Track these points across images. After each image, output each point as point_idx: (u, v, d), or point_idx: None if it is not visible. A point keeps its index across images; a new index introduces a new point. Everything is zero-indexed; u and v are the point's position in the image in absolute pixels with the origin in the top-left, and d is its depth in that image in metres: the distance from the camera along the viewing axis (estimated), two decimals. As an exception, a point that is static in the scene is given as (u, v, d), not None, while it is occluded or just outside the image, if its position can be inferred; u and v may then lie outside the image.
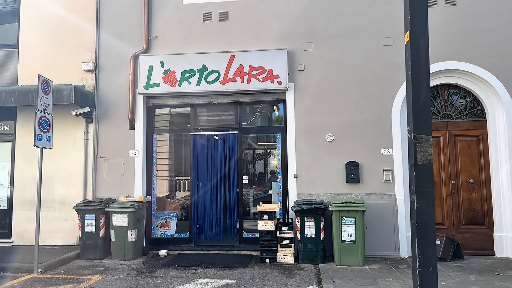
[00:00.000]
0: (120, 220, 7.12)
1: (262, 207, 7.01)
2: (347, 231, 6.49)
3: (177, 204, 8.30)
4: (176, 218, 8.18)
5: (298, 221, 6.75)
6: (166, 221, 8.16)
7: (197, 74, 7.76)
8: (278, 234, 6.90)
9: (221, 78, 7.70)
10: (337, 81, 7.56)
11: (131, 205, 7.17)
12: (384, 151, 7.32)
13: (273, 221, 6.89)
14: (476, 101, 7.46)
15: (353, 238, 6.47)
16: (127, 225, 7.10)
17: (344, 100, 7.51)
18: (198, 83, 7.75)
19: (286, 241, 6.87)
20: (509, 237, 6.96)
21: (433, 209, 2.95)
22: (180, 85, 7.79)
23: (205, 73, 7.74)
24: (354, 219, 6.48)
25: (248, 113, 8.32)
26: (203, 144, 8.07)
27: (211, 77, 7.73)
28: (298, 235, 6.74)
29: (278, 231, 6.91)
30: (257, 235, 7.53)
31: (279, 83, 7.51)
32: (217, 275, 6.10)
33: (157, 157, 8.30)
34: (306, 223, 6.70)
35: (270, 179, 8.21)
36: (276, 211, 7.07)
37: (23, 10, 8.60)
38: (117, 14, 8.33)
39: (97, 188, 8.02)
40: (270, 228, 6.88)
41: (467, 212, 7.29)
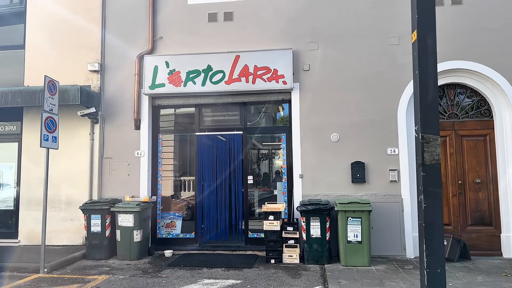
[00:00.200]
0: (125, 220, 7.14)
1: (268, 207, 6.99)
2: (353, 231, 6.46)
3: (182, 204, 8.30)
4: (181, 218, 8.19)
5: (303, 222, 6.73)
6: (171, 221, 8.17)
7: (202, 74, 7.76)
8: (284, 235, 6.88)
9: (226, 78, 7.70)
10: (342, 81, 7.53)
11: (136, 205, 7.19)
12: (390, 151, 7.28)
13: (278, 221, 6.87)
14: (483, 100, 7.40)
15: (359, 239, 6.44)
16: (133, 225, 7.12)
17: (350, 100, 7.48)
18: (203, 83, 7.75)
19: (291, 242, 6.85)
20: (517, 237, 6.90)
21: (441, 210, 2.92)
22: (185, 85, 7.80)
23: (210, 73, 7.74)
24: (360, 219, 6.45)
25: (253, 113, 8.31)
26: (208, 144, 8.07)
27: (216, 77, 7.73)
28: (304, 235, 6.72)
29: (283, 232, 6.89)
30: (262, 235, 7.52)
31: (284, 83, 7.50)
32: (222, 275, 6.10)
33: (162, 157, 8.31)
34: (311, 224, 6.67)
35: (275, 179, 8.19)
36: (281, 211, 7.06)
37: (29, 11, 8.66)
38: (122, 15, 8.35)
39: (103, 188, 8.05)
40: (275, 229, 6.87)
41: (474, 212, 7.23)
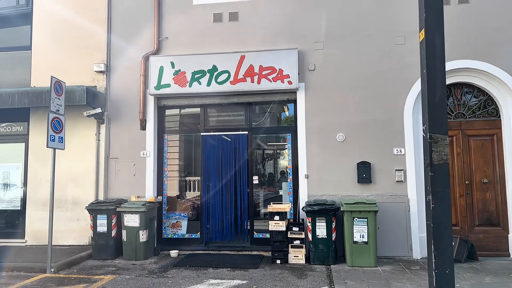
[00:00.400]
0: (131, 220, 7.15)
1: (273, 207, 6.98)
2: (359, 231, 6.43)
3: (188, 205, 8.31)
4: (186, 218, 8.20)
5: (309, 222, 6.71)
6: (177, 221, 8.18)
7: (208, 75, 7.76)
8: (289, 235, 6.86)
9: (231, 79, 7.69)
10: (348, 80, 7.50)
11: (142, 205, 7.20)
12: (396, 151, 7.24)
13: (284, 221, 6.86)
14: (490, 100, 7.34)
15: (365, 239, 6.41)
16: (139, 225, 7.13)
17: (356, 99, 7.45)
18: (209, 84, 7.75)
19: (297, 242, 6.83)
20: (525, 238, 6.84)
21: (449, 210, 2.90)
22: (190, 85, 7.80)
23: (215, 73, 7.74)
24: (366, 219, 6.41)
25: (258, 113, 8.30)
26: (213, 145, 8.07)
27: (221, 78, 7.73)
28: (309, 235, 6.70)
29: (289, 232, 6.87)
30: (267, 235, 7.50)
31: (290, 83, 7.48)
32: (228, 276, 6.10)
33: (167, 158, 8.32)
34: (317, 224, 6.65)
35: (280, 180, 8.18)
36: (287, 212, 7.04)
37: (35, 12, 8.71)
38: (128, 16, 8.38)
39: (109, 189, 8.08)
40: (281, 229, 6.85)
41: (481, 213, 7.17)
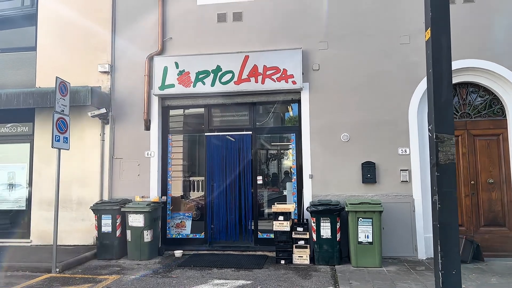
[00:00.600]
0: (136, 220, 7.17)
1: (277, 207, 6.97)
2: (364, 232, 6.40)
3: (192, 205, 8.32)
4: (191, 218, 8.20)
5: (313, 222, 6.69)
6: (181, 222, 8.18)
7: (212, 75, 7.76)
8: (294, 235, 6.85)
9: (236, 79, 7.69)
10: (352, 80, 7.47)
11: (146, 205, 7.22)
12: (401, 151, 7.21)
13: (288, 221, 6.84)
14: (496, 99, 7.29)
15: (370, 239, 6.38)
16: (143, 225, 7.14)
17: (360, 99, 7.42)
18: (213, 84, 7.75)
19: (301, 242, 6.81)
20: (531, 239, 6.79)
21: (456, 210, 2.88)
22: (194, 86, 7.81)
23: (219, 73, 7.74)
24: (371, 220, 6.39)
25: (262, 113, 8.29)
26: (217, 145, 8.07)
27: (226, 78, 7.72)
28: (314, 236, 6.68)
29: (293, 232, 6.85)
30: (272, 235, 7.49)
31: (294, 83, 7.47)
32: (232, 276, 6.09)
33: (172, 158, 8.33)
34: (321, 224, 6.63)
35: (284, 180, 8.16)
36: (291, 212, 7.02)
37: (40, 13, 8.75)
38: (132, 16, 8.40)
39: (113, 189, 8.10)
40: (285, 229, 6.84)
41: (487, 213, 7.13)
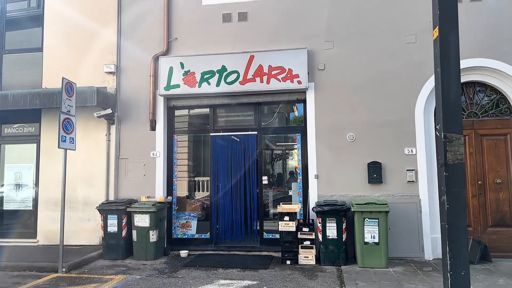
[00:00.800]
0: (141, 220, 7.18)
1: (283, 208, 6.95)
2: (370, 232, 6.37)
3: (197, 205, 8.33)
4: (196, 218, 8.21)
5: (319, 222, 6.66)
6: (186, 222, 8.19)
7: (217, 75, 7.76)
8: (299, 235, 6.83)
9: (241, 79, 7.68)
10: (358, 80, 7.44)
11: (152, 205, 7.23)
12: (407, 151, 7.16)
13: (293, 222, 6.82)
14: (503, 99, 7.23)
15: (376, 240, 6.35)
16: (149, 225, 7.16)
17: (366, 99, 7.38)
18: (218, 84, 7.75)
19: (307, 243, 6.79)
20: (540, 239, 6.71)
21: (464, 210, 2.85)
22: (200, 86, 7.81)
23: (224, 73, 7.74)
24: (377, 220, 6.35)
25: (267, 113, 8.28)
26: (222, 145, 8.07)
27: (231, 78, 7.72)
28: (320, 236, 6.66)
29: (299, 232, 6.83)
30: (277, 236, 7.48)
31: (299, 82, 7.45)
32: (238, 276, 6.08)
33: (177, 158, 8.34)
34: (327, 224, 6.61)
35: (289, 180, 8.15)
36: (296, 212, 7.00)
37: (46, 14, 8.80)
38: (138, 17, 8.42)
39: (119, 189, 8.13)
40: (290, 229, 6.82)
41: (494, 213, 7.06)
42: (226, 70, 7.74)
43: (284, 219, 6.84)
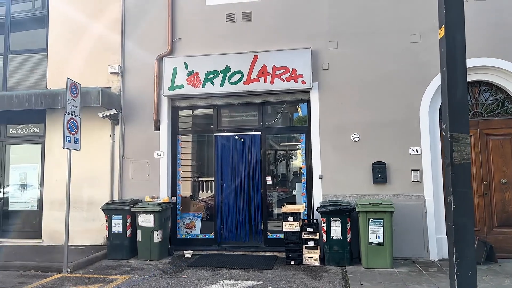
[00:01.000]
0: (146, 220, 7.19)
1: (287, 208, 6.93)
2: (375, 233, 6.34)
3: (201, 205, 8.33)
4: (200, 218, 8.21)
5: (323, 223, 6.64)
6: (190, 222, 8.19)
7: (221, 75, 7.76)
8: (303, 236, 6.81)
9: (245, 79, 7.68)
10: (362, 79, 7.41)
11: (156, 205, 7.24)
12: (412, 151, 7.13)
13: (298, 222, 6.81)
14: (509, 98, 7.18)
15: (381, 240, 6.32)
16: (153, 226, 7.16)
17: (370, 99, 7.36)
18: (222, 84, 7.75)
19: (311, 243, 6.77)
20: (546, 240, 6.66)
21: (471, 211, 2.83)
22: (203, 86, 7.81)
23: (228, 74, 7.74)
24: (382, 220, 6.33)
25: (271, 113, 8.26)
26: (226, 145, 8.07)
27: (235, 78, 7.72)
28: (324, 236, 6.64)
29: (303, 233, 6.82)
30: (281, 236, 7.47)
31: (303, 82, 7.43)
32: (242, 276, 6.08)
33: (181, 158, 8.35)
34: (332, 225, 6.59)
35: (292, 180, 8.13)
36: (301, 212, 6.99)
37: (50, 15, 8.84)
38: (142, 17, 8.44)
39: (123, 189, 8.14)
40: (295, 230, 6.80)
41: (500, 213, 7.02)
42: (230, 70, 7.74)
43: (289, 219, 6.83)
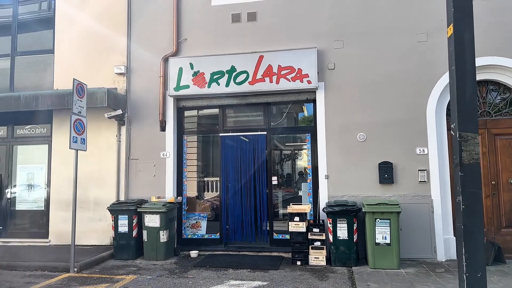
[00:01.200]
0: (152, 220, 7.20)
1: (293, 208, 6.91)
2: (381, 233, 6.30)
3: (207, 205, 8.33)
4: (206, 218, 8.21)
5: (330, 223, 6.62)
6: (196, 222, 8.20)
7: (226, 75, 7.76)
8: (309, 236, 6.78)
9: (250, 79, 7.67)
10: (368, 79, 7.37)
11: (162, 205, 7.25)
12: (419, 151, 7.08)
13: (304, 222, 6.79)
14: (517, 97, 7.12)
15: (388, 241, 6.28)
16: (159, 226, 7.18)
17: (376, 98, 7.32)
18: (227, 84, 7.75)
19: (317, 243, 6.75)
20: (556, 240, 6.58)
21: (481, 211, 2.80)
22: (209, 86, 7.81)
23: (234, 74, 7.73)
24: (389, 221, 6.29)
25: (276, 113, 8.25)
26: (232, 145, 8.06)
27: (240, 78, 7.71)
28: (330, 237, 6.61)
29: (309, 233, 6.79)
30: (287, 236, 7.45)
31: (309, 82, 7.41)
32: (248, 277, 6.06)
33: (187, 158, 8.36)
34: (338, 225, 6.56)
35: (298, 180, 8.11)
36: (307, 213, 6.96)
37: (57, 17, 8.89)
38: (147, 18, 8.45)
39: (130, 189, 8.17)
40: (301, 230, 6.78)
41: (508, 214, 6.94)
42: (236, 71, 7.73)
43: (294, 219, 6.80)
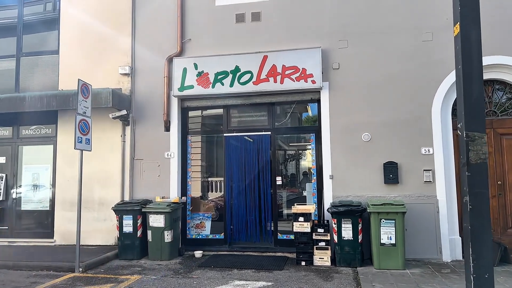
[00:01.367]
0: (156, 220, 7.21)
1: (297, 208, 6.90)
2: (386, 233, 6.27)
3: (211, 205, 8.33)
4: (210, 219, 8.21)
5: (334, 223, 6.59)
6: (200, 222, 8.20)
7: (230, 76, 7.75)
8: (314, 236, 6.76)
9: (254, 79, 7.66)
10: (373, 79, 7.34)
11: (167, 205, 7.25)
12: (424, 151, 7.04)
13: (308, 223, 6.77)
14: (524, 97, 7.06)
15: (393, 241, 6.25)
16: (164, 226, 7.18)
17: (381, 98, 7.28)
18: (231, 85, 7.74)
19: (322, 244, 6.72)
20: None
21: (488, 211, 2.78)
22: (213, 86, 7.81)
23: (238, 74, 7.73)
24: (394, 221, 6.25)
25: (281, 113, 8.24)
26: (236, 145, 8.06)
27: (244, 78, 7.70)
28: (335, 237, 6.59)
29: (314, 233, 6.77)
30: (292, 237, 7.44)
31: (313, 82, 7.39)
32: (252, 277, 6.05)
33: (191, 159, 8.36)
34: (343, 225, 6.53)
35: (302, 180, 8.09)
36: (311, 213, 6.94)
37: (62, 17, 8.92)
38: (151, 18, 8.47)
39: (134, 189, 8.18)
40: (305, 230, 6.76)
41: (515, 214, 6.90)
42: (240, 71, 7.72)
43: (299, 220, 6.79)
